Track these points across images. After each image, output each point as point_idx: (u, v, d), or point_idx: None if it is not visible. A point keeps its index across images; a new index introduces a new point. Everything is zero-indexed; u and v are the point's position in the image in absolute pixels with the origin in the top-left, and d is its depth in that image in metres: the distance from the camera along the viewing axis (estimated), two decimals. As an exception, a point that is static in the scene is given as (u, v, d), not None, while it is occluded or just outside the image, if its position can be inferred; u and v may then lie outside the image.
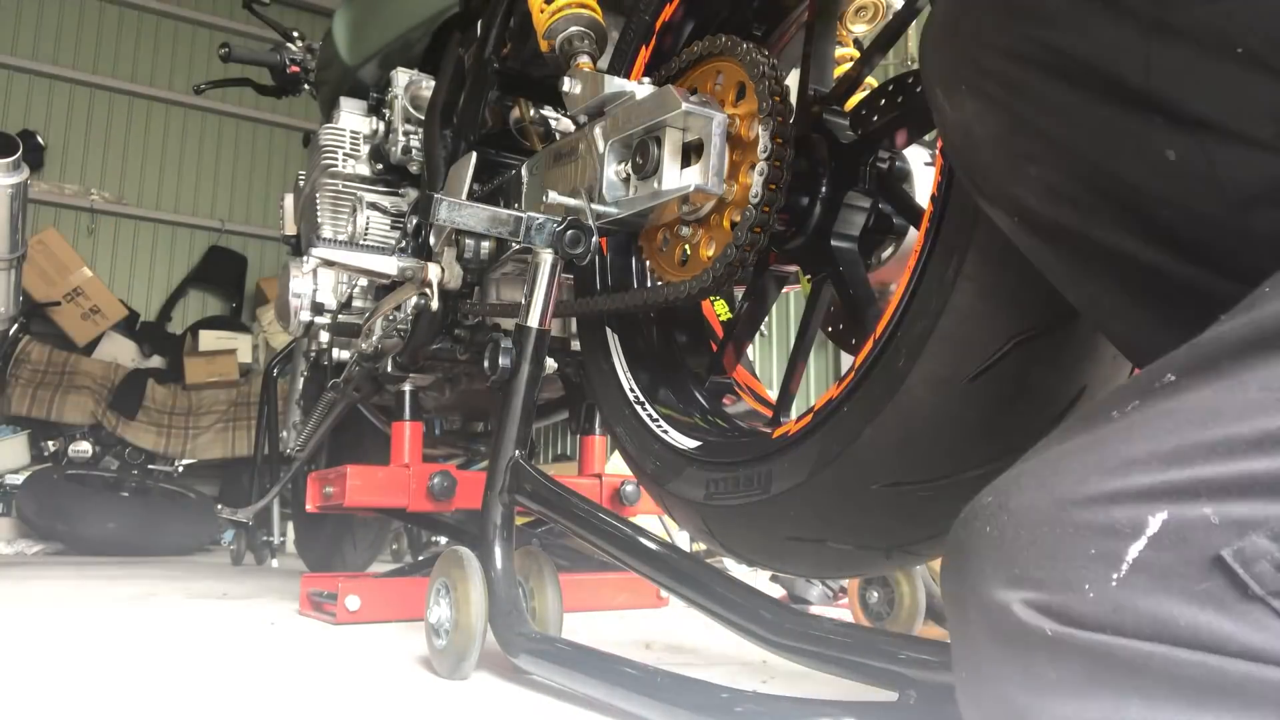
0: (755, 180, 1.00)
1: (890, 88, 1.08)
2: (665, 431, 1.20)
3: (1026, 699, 0.47)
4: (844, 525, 0.90)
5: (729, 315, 1.43)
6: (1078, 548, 0.46)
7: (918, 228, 0.85)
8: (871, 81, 1.18)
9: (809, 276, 1.16)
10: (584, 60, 1.25)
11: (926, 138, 1.11)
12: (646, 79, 1.18)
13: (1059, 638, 0.45)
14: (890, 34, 1.09)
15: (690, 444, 1.16)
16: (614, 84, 1.16)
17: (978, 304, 0.75)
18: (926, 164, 1.11)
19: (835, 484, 0.89)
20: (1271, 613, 0.41)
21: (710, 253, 1.09)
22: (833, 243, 1.07)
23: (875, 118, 1.08)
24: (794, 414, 1.05)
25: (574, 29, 1.27)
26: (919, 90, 1.05)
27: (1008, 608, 0.47)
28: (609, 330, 1.35)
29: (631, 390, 1.28)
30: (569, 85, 1.22)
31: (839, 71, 1.18)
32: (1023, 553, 0.48)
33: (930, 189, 0.83)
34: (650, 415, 1.24)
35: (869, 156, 1.06)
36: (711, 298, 1.42)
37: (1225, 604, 0.42)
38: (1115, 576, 0.44)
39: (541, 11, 1.29)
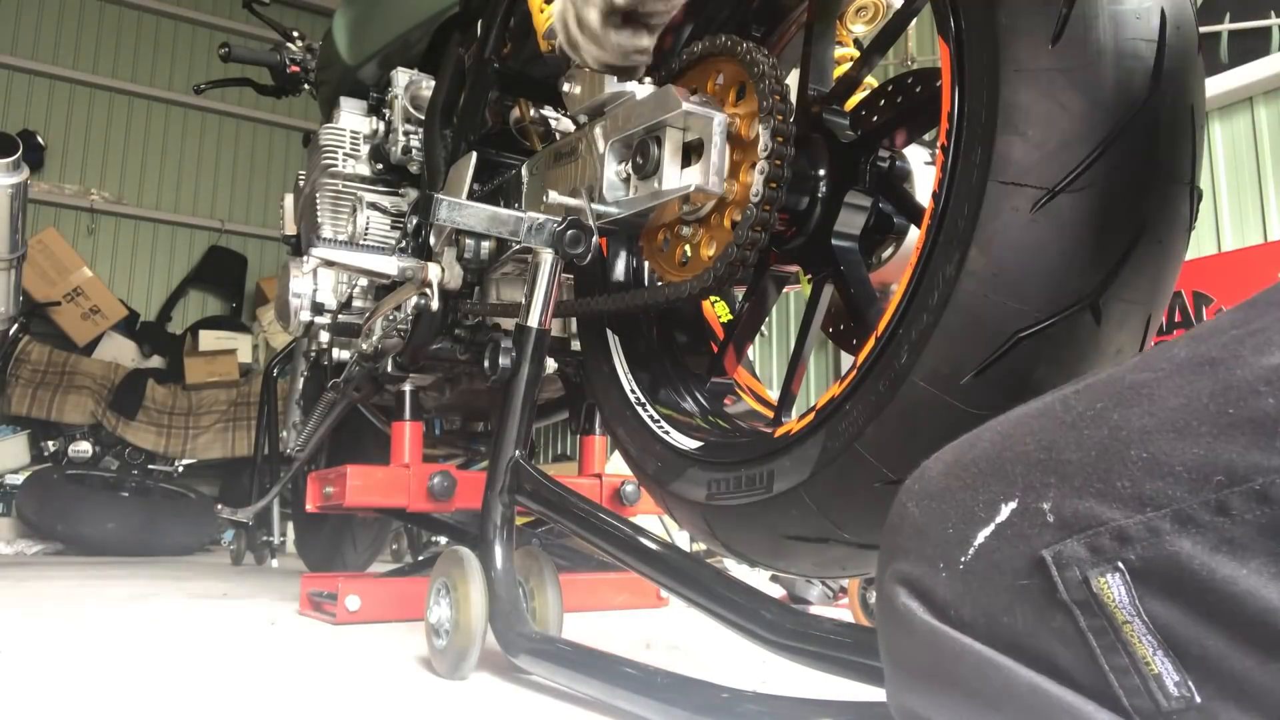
0: (756, 180, 0.99)
1: (890, 88, 1.08)
2: (666, 432, 1.20)
3: (891, 667, 0.48)
4: (847, 524, 0.90)
5: (729, 317, 1.43)
6: (942, 522, 0.46)
7: (919, 226, 0.85)
8: (871, 81, 1.18)
9: (809, 276, 1.16)
10: None
11: (926, 137, 1.11)
12: (646, 79, 1.18)
13: (909, 613, 0.46)
14: (890, 34, 1.09)
15: (691, 444, 1.16)
16: (613, 84, 1.16)
17: (980, 300, 0.75)
18: (927, 163, 1.11)
19: (838, 483, 0.89)
20: (1072, 622, 0.40)
21: (711, 252, 1.09)
22: (833, 242, 1.07)
23: (875, 117, 1.08)
24: (795, 414, 1.04)
25: None
26: (919, 89, 1.05)
27: (885, 578, 0.48)
28: (610, 332, 1.35)
29: (633, 391, 1.28)
30: (568, 86, 1.22)
31: (838, 72, 1.18)
32: (905, 523, 0.48)
33: (931, 187, 0.83)
34: (651, 416, 1.24)
35: (869, 156, 1.06)
36: (712, 299, 1.42)
37: (1037, 605, 0.41)
38: (963, 560, 0.44)
39: (541, 11, 1.29)
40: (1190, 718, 0.38)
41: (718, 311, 1.46)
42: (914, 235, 1.07)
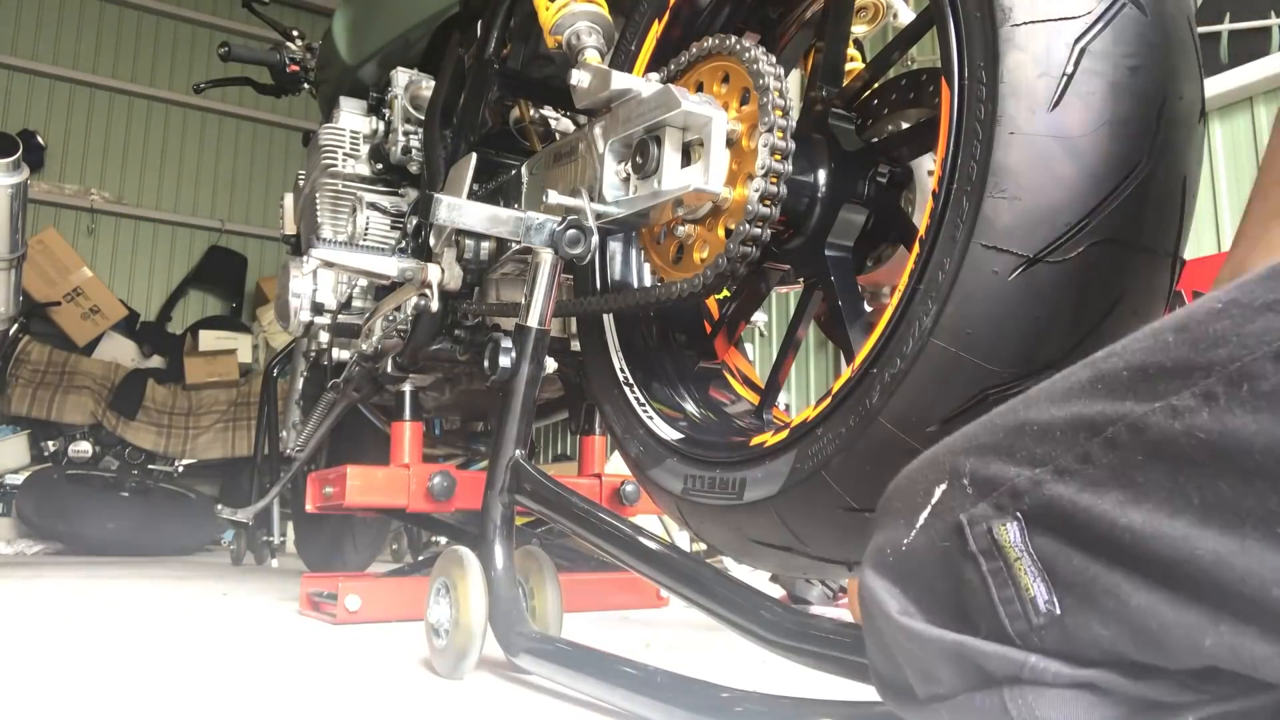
0: (752, 196, 0.99)
1: (904, 82, 1.07)
2: (650, 418, 1.20)
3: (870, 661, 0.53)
4: (809, 539, 0.92)
5: (727, 293, 1.43)
6: (899, 510, 0.52)
7: (909, 250, 0.85)
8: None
9: (801, 280, 1.16)
10: (592, 54, 1.23)
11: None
12: (654, 75, 1.17)
13: (866, 604, 0.51)
14: (912, 33, 1.06)
15: (673, 434, 1.17)
16: (621, 80, 1.14)
17: (951, 356, 0.76)
18: (930, 171, 1.11)
19: (804, 502, 0.91)
20: (976, 569, 0.46)
21: (703, 256, 1.09)
22: (827, 252, 1.06)
23: (885, 110, 1.07)
24: (788, 406, 1.05)
25: (581, 23, 1.26)
26: (931, 89, 1.04)
27: (863, 564, 0.54)
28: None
29: (622, 370, 1.28)
30: (577, 78, 1.21)
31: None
32: (880, 515, 0.55)
33: (928, 203, 0.83)
34: (638, 398, 1.24)
35: (869, 170, 1.06)
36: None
37: (954, 563, 0.47)
38: (905, 542, 0.50)
39: (547, 9, 1.29)
40: (1053, 630, 0.44)
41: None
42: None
